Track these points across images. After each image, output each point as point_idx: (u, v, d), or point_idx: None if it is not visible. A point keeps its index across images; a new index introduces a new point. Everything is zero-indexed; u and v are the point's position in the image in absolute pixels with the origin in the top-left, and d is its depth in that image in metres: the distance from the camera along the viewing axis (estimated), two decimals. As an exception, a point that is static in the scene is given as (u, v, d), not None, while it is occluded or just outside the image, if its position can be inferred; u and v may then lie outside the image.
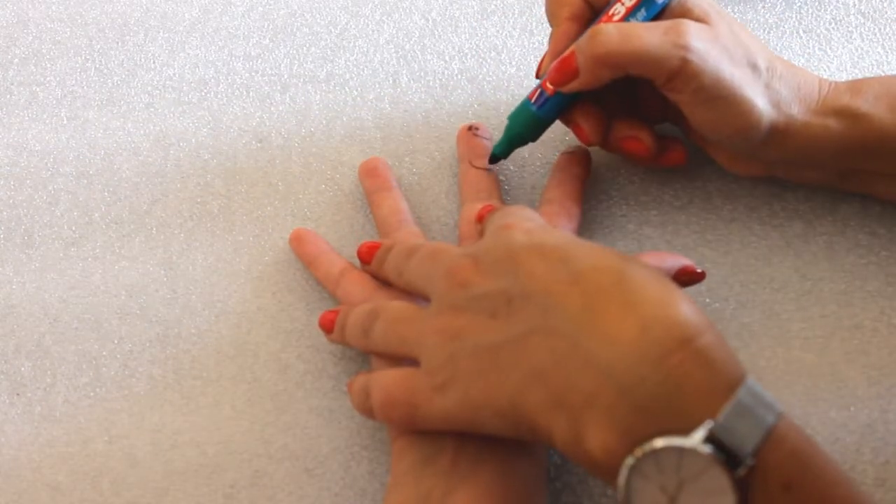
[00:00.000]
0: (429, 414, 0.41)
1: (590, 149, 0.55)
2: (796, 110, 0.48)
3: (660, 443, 0.34)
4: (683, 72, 0.45)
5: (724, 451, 0.33)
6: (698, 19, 0.47)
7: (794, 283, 0.51)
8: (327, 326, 0.49)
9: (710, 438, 0.33)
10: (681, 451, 0.33)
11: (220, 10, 0.66)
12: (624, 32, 0.46)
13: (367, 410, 0.44)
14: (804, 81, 0.49)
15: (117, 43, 0.65)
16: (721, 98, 0.46)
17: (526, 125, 0.51)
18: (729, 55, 0.46)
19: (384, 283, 0.49)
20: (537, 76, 0.52)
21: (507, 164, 0.57)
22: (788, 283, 0.51)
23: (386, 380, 0.43)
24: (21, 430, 0.49)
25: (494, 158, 0.53)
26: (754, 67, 0.47)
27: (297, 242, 0.54)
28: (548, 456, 0.46)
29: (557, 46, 0.49)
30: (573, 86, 0.48)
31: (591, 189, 0.55)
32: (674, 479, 0.34)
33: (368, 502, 0.47)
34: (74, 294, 0.54)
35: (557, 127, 0.57)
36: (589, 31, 0.47)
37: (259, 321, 0.52)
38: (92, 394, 0.50)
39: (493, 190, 0.53)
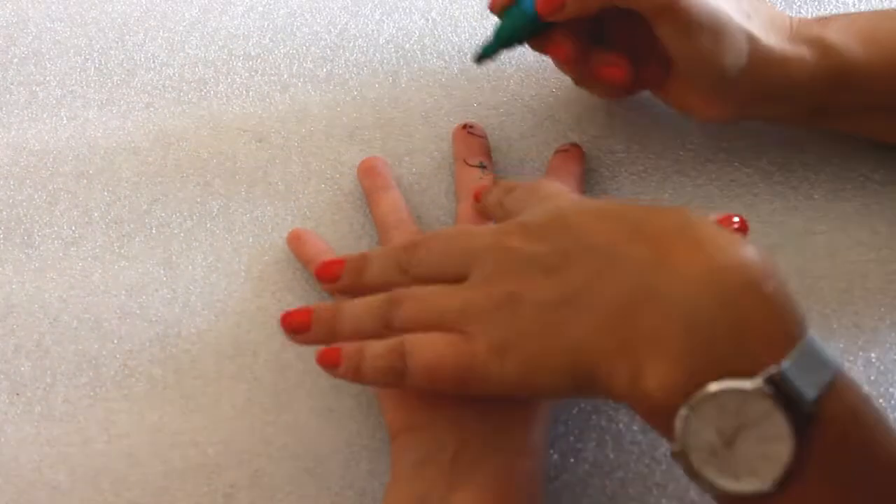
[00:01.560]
0: (484, 378, 0.39)
1: (588, 149, 0.55)
2: (773, 40, 0.48)
3: (723, 384, 0.33)
4: (675, 6, 0.46)
5: (786, 399, 0.33)
6: None
7: (794, 281, 0.51)
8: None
9: (772, 384, 0.33)
10: (743, 394, 0.33)
11: (219, 9, 0.66)
12: None
13: (394, 374, 0.41)
14: (775, 14, 0.50)
15: (117, 43, 0.65)
16: (709, 28, 0.47)
17: (516, 23, 0.50)
18: None
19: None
20: (490, 8, 0.51)
21: (505, 164, 0.57)
22: (788, 281, 0.51)
23: (433, 341, 0.40)
24: (21, 429, 0.49)
25: (481, 58, 0.52)
26: (738, 1, 0.48)
27: (296, 242, 0.54)
28: (547, 455, 0.46)
29: None
30: (561, 14, 0.48)
31: (589, 189, 0.55)
32: (732, 422, 0.33)
33: (368, 502, 0.46)
34: (74, 294, 0.54)
35: (555, 126, 0.58)
36: None
37: (259, 321, 0.52)
38: (92, 393, 0.50)
39: (490, 188, 0.53)
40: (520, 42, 0.51)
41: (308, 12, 0.65)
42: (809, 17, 0.59)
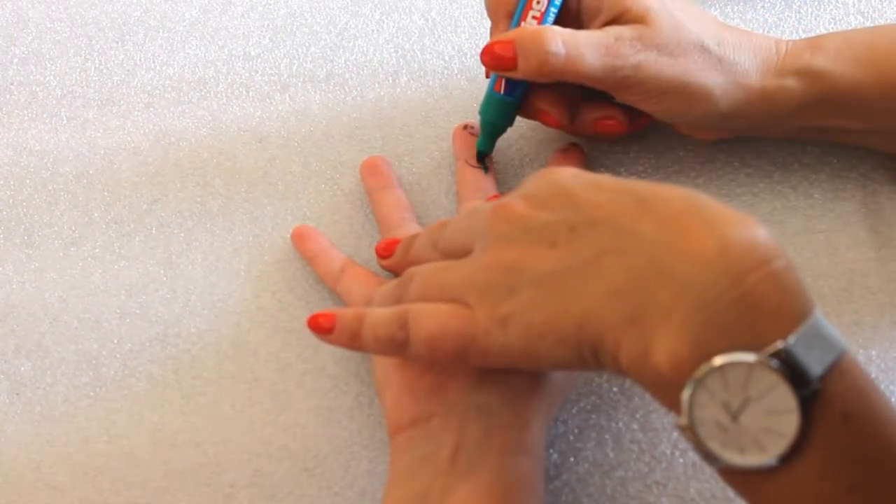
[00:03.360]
0: (486, 348, 0.39)
1: (588, 149, 0.55)
2: (755, 77, 0.49)
3: (730, 357, 0.33)
4: (627, 85, 0.48)
5: (792, 373, 0.33)
6: (637, 18, 0.48)
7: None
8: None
9: (779, 358, 0.33)
10: (750, 368, 0.33)
11: (219, 9, 0.66)
12: (570, 53, 0.47)
13: (395, 344, 0.41)
14: (759, 46, 0.50)
15: (117, 43, 0.65)
16: (671, 93, 0.48)
17: (497, 113, 0.52)
18: (670, 51, 0.47)
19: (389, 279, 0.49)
20: (488, 76, 0.53)
21: (505, 163, 0.57)
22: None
23: (435, 310, 0.41)
24: (21, 429, 0.49)
25: (480, 155, 0.54)
26: (703, 50, 0.48)
27: (299, 239, 0.54)
28: (546, 454, 0.46)
29: None
30: (506, 76, 0.50)
31: (591, 188, 0.55)
32: (739, 396, 0.34)
33: (368, 502, 0.46)
34: (74, 294, 0.54)
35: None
36: (536, 40, 0.47)
37: (259, 321, 0.52)
38: (92, 393, 0.50)
39: (491, 188, 0.54)
40: (508, 125, 0.53)
41: (308, 12, 0.65)
42: (809, 16, 0.59)
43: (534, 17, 0.50)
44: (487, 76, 0.53)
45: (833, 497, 0.33)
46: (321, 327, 0.43)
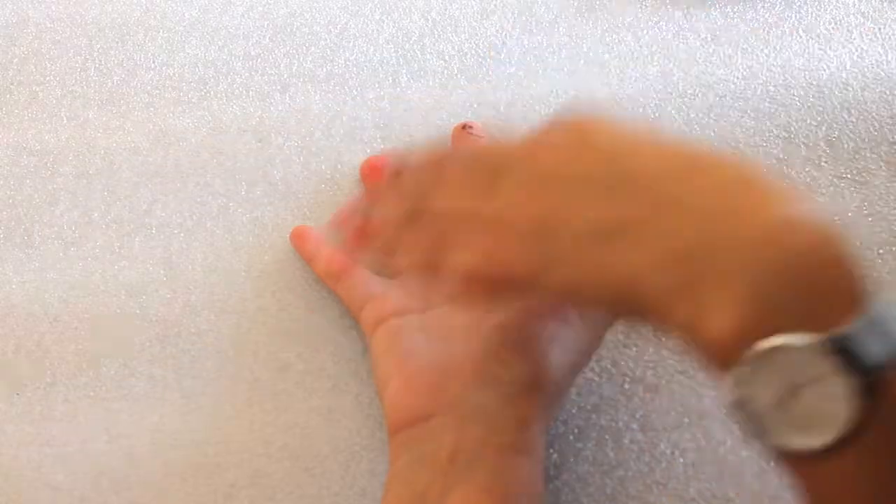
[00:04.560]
0: (523, 288, 0.38)
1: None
2: None
3: (788, 338, 0.32)
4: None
5: (850, 360, 0.32)
6: None
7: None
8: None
9: (838, 344, 0.32)
10: (807, 350, 0.32)
11: (219, 9, 0.66)
12: None
13: (431, 268, 0.39)
14: None
15: (117, 43, 0.65)
16: None
17: None
18: None
19: (387, 278, 0.49)
20: None
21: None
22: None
23: (475, 242, 0.38)
24: (21, 429, 0.49)
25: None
26: None
27: (298, 239, 0.54)
28: (546, 454, 0.46)
29: None
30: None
31: (591, 188, 0.55)
32: (794, 378, 0.33)
33: (368, 502, 0.46)
34: (74, 294, 0.54)
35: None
36: None
37: (259, 321, 0.52)
38: (91, 393, 0.50)
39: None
40: None
41: (308, 12, 0.65)
42: (809, 16, 0.59)
43: None
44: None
45: (889, 484, 0.33)
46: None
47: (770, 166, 0.55)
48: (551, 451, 0.47)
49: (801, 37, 0.61)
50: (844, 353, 0.32)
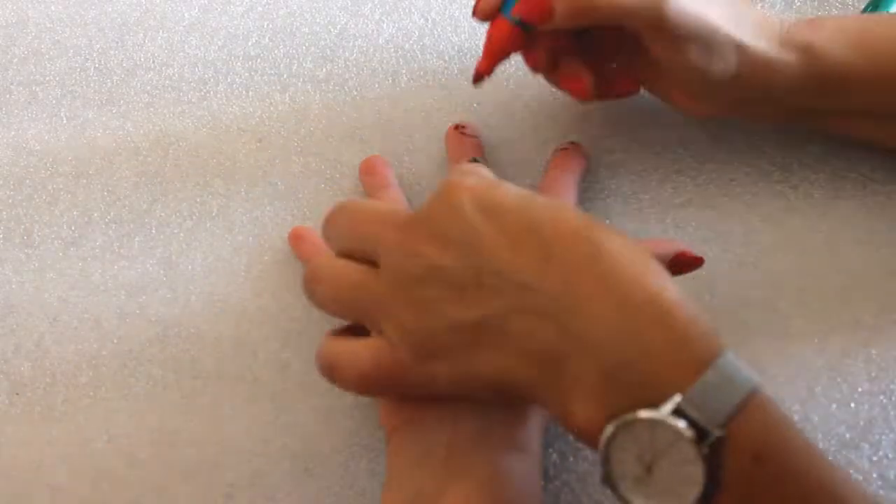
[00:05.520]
0: (414, 385, 0.41)
1: (588, 149, 0.55)
2: (763, 44, 0.49)
3: (632, 416, 0.34)
4: (664, 23, 0.46)
5: (692, 424, 0.34)
6: None
7: (793, 278, 0.51)
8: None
9: (679, 412, 0.34)
10: (653, 424, 0.34)
11: (219, 9, 0.66)
12: None
13: (330, 381, 0.43)
14: (764, 19, 0.50)
15: (117, 43, 0.65)
16: (698, 40, 0.47)
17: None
18: None
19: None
20: (474, 14, 0.50)
21: (505, 164, 0.56)
22: (788, 279, 0.51)
23: (355, 357, 0.42)
24: (21, 430, 0.49)
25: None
26: (729, 3, 0.48)
27: (296, 240, 0.54)
28: (546, 453, 0.46)
29: None
30: (545, 26, 0.48)
31: (589, 187, 0.55)
32: (649, 450, 0.35)
33: (368, 502, 0.46)
34: (74, 294, 0.54)
35: (555, 126, 0.57)
36: None
37: (259, 321, 0.52)
38: (92, 393, 0.50)
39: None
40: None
41: (308, 12, 0.65)
42: (805, 17, 0.59)
43: None
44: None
45: None
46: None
47: (765, 170, 0.55)
48: (551, 450, 0.47)
49: (801, 36, 0.61)
50: (686, 417, 0.34)
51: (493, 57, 0.50)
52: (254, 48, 0.64)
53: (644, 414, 0.34)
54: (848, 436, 0.46)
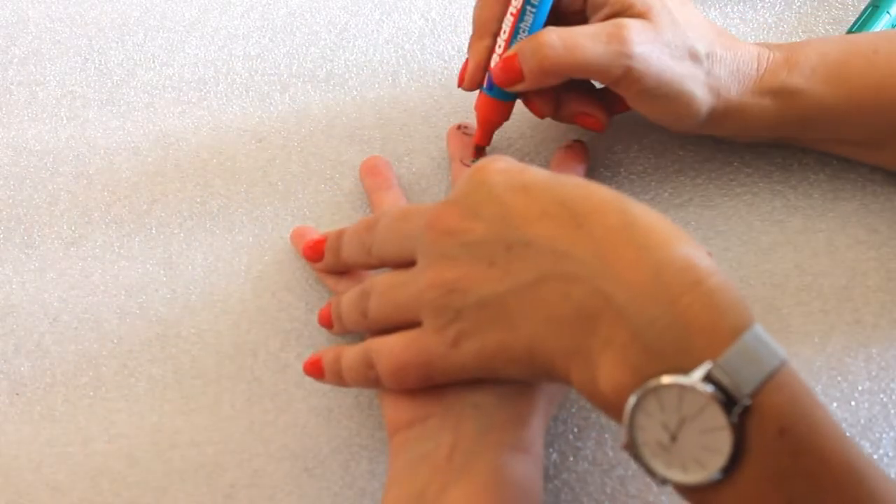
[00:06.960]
0: (445, 369, 0.41)
1: (588, 148, 0.55)
2: (734, 92, 0.50)
3: (663, 380, 0.35)
4: (627, 77, 0.48)
5: (722, 392, 0.34)
6: (639, 14, 0.48)
7: (794, 278, 0.51)
8: (326, 321, 0.49)
9: (710, 378, 0.34)
10: (682, 389, 0.34)
11: (219, 9, 0.66)
12: (568, 44, 0.47)
13: (369, 381, 0.44)
14: (743, 62, 0.51)
15: (117, 43, 0.65)
16: (663, 95, 0.49)
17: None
18: (670, 52, 0.48)
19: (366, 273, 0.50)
20: (460, 85, 0.53)
21: (507, 163, 0.56)
22: (788, 279, 0.51)
23: (391, 346, 0.43)
24: (21, 430, 0.49)
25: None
26: (695, 57, 0.49)
27: (298, 239, 0.54)
28: (546, 453, 0.46)
29: (480, 58, 0.52)
30: (517, 88, 0.49)
31: (590, 187, 0.55)
32: (675, 416, 0.35)
33: (368, 501, 0.46)
34: (74, 294, 0.54)
35: (555, 126, 0.57)
36: (533, 41, 0.48)
37: (259, 321, 0.52)
38: (91, 393, 0.50)
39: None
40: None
41: (308, 12, 0.65)
42: (809, 16, 0.59)
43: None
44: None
45: (778, 500, 0.34)
46: (314, 373, 0.47)
47: (765, 171, 0.55)
48: (551, 450, 0.47)
49: (800, 37, 0.62)
50: (717, 384, 0.34)
51: (484, 129, 0.53)
52: (253, 48, 0.64)
53: (673, 379, 0.34)
54: (848, 434, 0.46)
